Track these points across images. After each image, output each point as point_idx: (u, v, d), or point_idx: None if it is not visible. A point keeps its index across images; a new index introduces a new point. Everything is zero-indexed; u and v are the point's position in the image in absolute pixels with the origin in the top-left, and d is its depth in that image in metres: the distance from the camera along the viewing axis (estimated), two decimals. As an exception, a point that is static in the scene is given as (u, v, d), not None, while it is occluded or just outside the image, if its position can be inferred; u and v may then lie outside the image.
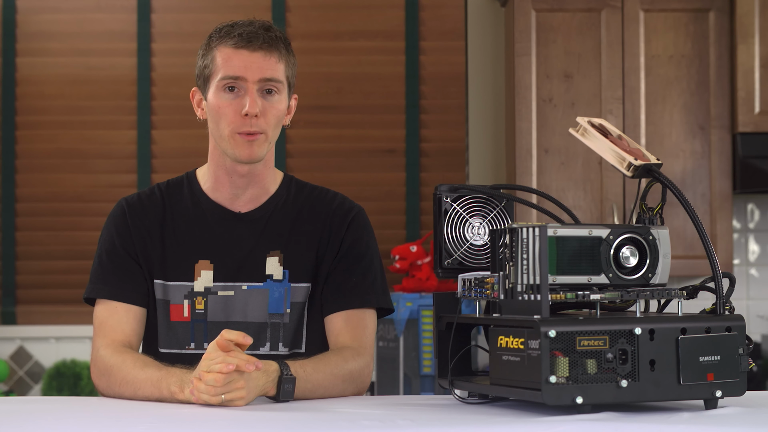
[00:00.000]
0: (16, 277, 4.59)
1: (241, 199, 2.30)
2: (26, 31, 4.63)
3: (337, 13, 4.65)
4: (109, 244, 2.29)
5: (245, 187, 2.29)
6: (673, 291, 1.80)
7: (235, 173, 2.27)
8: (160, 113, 4.62)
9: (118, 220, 2.30)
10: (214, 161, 2.29)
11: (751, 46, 4.17)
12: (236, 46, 2.21)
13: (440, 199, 1.97)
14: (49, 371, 4.50)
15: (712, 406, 1.77)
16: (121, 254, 2.27)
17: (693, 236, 4.15)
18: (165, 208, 2.30)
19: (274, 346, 2.26)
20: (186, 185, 2.33)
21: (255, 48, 2.20)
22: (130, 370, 2.11)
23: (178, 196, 2.32)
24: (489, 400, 1.90)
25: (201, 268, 2.26)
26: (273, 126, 2.23)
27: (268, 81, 2.21)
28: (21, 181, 4.61)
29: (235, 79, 2.20)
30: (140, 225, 2.28)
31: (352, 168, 4.61)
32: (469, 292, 1.89)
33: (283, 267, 2.27)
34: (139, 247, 2.27)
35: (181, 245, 2.27)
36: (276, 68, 2.22)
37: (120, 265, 2.26)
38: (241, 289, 2.25)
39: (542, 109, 4.20)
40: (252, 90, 2.19)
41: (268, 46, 2.22)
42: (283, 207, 2.32)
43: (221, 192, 2.30)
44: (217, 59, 2.22)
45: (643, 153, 1.87)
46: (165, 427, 1.72)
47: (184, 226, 2.28)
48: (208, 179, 2.31)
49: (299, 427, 1.71)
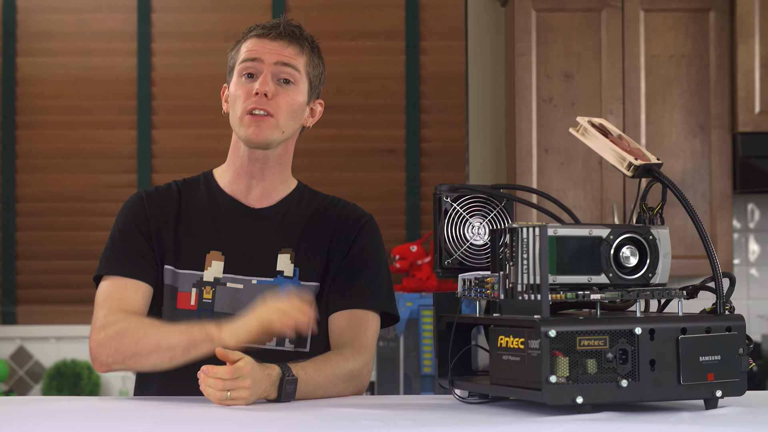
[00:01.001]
0: (16, 277, 4.59)
1: (255, 191, 2.31)
2: (26, 30, 4.63)
3: (337, 13, 4.65)
4: (123, 225, 2.29)
5: (260, 178, 2.30)
6: (673, 291, 1.80)
7: (249, 160, 2.29)
8: (161, 113, 4.62)
9: (135, 204, 2.31)
10: (234, 151, 2.32)
11: (751, 45, 4.17)
12: (259, 36, 2.27)
13: (440, 199, 1.97)
14: (50, 371, 4.50)
15: (713, 406, 1.77)
16: (135, 234, 2.27)
17: (693, 236, 4.14)
18: (181, 201, 2.32)
19: (280, 342, 2.26)
20: (202, 182, 2.36)
21: (275, 36, 2.26)
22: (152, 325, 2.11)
23: (194, 192, 2.34)
24: (489, 399, 1.90)
25: (212, 258, 2.26)
26: (285, 114, 2.25)
27: (285, 66, 2.25)
28: (21, 181, 4.61)
29: (253, 60, 2.24)
30: (157, 211, 2.29)
31: (352, 168, 4.61)
32: (470, 291, 1.89)
33: (294, 265, 2.28)
34: (154, 230, 2.28)
35: (194, 235, 2.28)
36: (295, 58, 2.26)
37: (133, 245, 2.26)
38: (250, 283, 2.26)
39: (542, 108, 4.20)
40: (266, 72, 2.24)
41: (290, 37, 2.27)
42: (296, 208, 2.34)
43: (237, 184, 2.32)
44: (242, 50, 2.28)
45: (643, 153, 1.87)
46: (165, 427, 1.73)
47: (199, 217, 2.30)
48: (225, 173, 2.34)
49: (299, 427, 1.71)
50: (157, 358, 2.09)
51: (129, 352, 2.11)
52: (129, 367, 2.14)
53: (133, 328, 2.12)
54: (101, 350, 2.13)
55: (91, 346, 2.15)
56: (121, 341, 2.11)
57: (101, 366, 2.14)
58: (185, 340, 2.05)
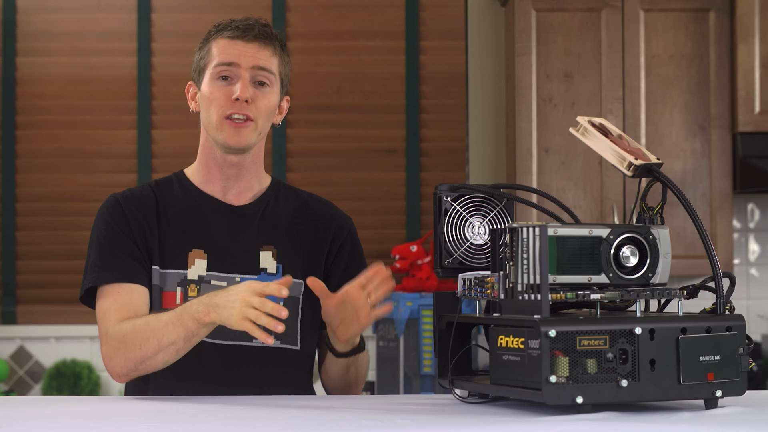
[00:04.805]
0: (16, 277, 4.59)
1: (231, 191, 2.30)
2: (26, 30, 4.63)
3: (337, 13, 4.65)
4: (106, 231, 2.25)
5: (235, 179, 2.30)
6: (673, 290, 1.80)
7: (225, 164, 2.28)
8: (160, 113, 4.62)
9: (113, 209, 2.27)
10: (205, 153, 2.31)
11: (751, 45, 4.17)
12: (232, 37, 2.25)
13: (440, 199, 1.97)
14: (50, 371, 4.50)
15: (713, 406, 1.77)
16: (121, 238, 2.23)
17: (693, 236, 4.14)
18: (158, 201, 2.29)
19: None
20: (176, 182, 2.34)
21: (250, 39, 2.24)
22: (146, 326, 2.09)
23: (170, 191, 2.32)
24: (489, 399, 1.90)
25: (195, 256, 2.25)
26: (263, 116, 2.25)
27: (261, 70, 2.24)
28: (21, 180, 4.61)
29: (229, 65, 2.23)
30: (137, 214, 2.26)
31: (352, 168, 4.61)
32: (470, 291, 1.89)
33: (276, 261, 2.27)
34: (138, 232, 2.25)
35: (175, 234, 2.26)
36: (270, 60, 2.25)
37: (122, 249, 2.22)
38: (234, 280, 2.25)
39: (542, 108, 4.20)
40: (245, 77, 2.22)
41: (264, 38, 2.25)
42: (275, 204, 2.33)
43: (213, 184, 2.31)
44: (213, 50, 2.26)
45: (643, 152, 1.87)
46: (165, 427, 1.72)
47: (178, 216, 2.28)
48: (198, 174, 2.32)
49: (299, 426, 1.71)
50: (165, 355, 2.09)
51: (137, 358, 2.10)
52: (144, 371, 2.13)
53: (132, 334, 2.10)
54: (113, 363, 2.13)
55: (105, 362, 2.16)
56: (125, 350, 2.11)
57: (119, 378, 2.15)
58: (182, 333, 2.05)
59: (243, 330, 1.95)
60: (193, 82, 2.32)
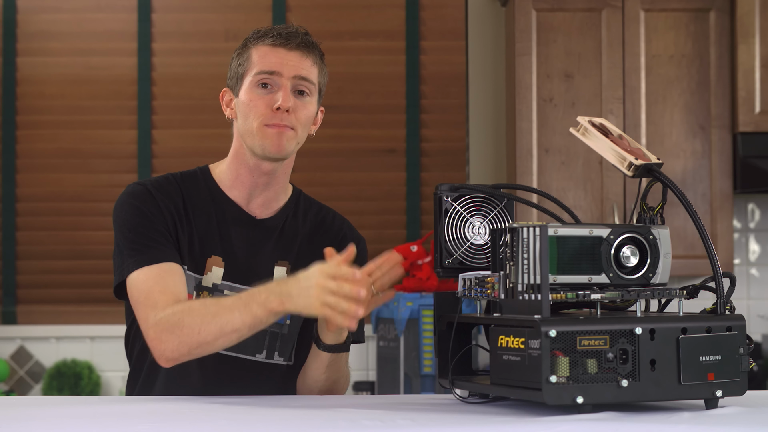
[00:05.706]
0: (16, 277, 4.59)
1: (256, 200, 2.28)
2: (26, 30, 4.63)
3: (337, 13, 4.65)
4: (138, 217, 2.18)
5: (264, 187, 2.27)
6: (673, 291, 1.80)
7: (258, 171, 2.24)
8: (161, 113, 4.62)
9: (144, 197, 2.21)
10: (238, 159, 2.26)
11: (751, 45, 4.17)
12: (273, 44, 2.21)
13: (441, 199, 1.97)
14: (50, 371, 4.50)
15: (713, 406, 1.77)
16: (156, 225, 2.18)
17: (693, 236, 4.14)
18: (183, 195, 2.25)
19: (270, 355, 2.26)
20: (201, 180, 2.29)
21: (292, 47, 2.21)
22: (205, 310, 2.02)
23: (195, 189, 2.27)
24: (489, 399, 1.90)
25: (213, 263, 2.23)
26: (303, 125, 2.22)
27: (302, 80, 2.21)
28: (21, 181, 4.61)
29: (270, 74, 2.19)
30: (167, 202, 2.22)
31: (352, 168, 4.61)
32: (470, 291, 1.89)
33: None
34: (171, 223, 2.20)
35: (198, 237, 2.23)
36: (311, 70, 2.22)
37: (156, 230, 2.17)
38: None
39: (543, 108, 4.20)
40: (286, 86, 2.19)
41: (305, 47, 2.22)
42: (293, 219, 2.31)
43: (238, 190, 2.27)
44: (253, 57, 2.22)
45: (643, 152, 1.87)
46: (165, 427, 1.72)
47: (203, 218, 2.25)
48: (225, 177, 2.28)
49: (299, 426, 1.71)
50: (224, 341, 2.03)
51: (193, 343, 2.03)
52: (198, 355, 2.06)
53: (189, 318, 2.03)
54: (164, 347, 2.05)
55: (152, 345, 2.07)
56: (181, 333, 2.03)
57: (168, 362, 2.07)
58: (248, 320, 1.99)
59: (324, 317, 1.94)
60: (230, 89, 2.27)
